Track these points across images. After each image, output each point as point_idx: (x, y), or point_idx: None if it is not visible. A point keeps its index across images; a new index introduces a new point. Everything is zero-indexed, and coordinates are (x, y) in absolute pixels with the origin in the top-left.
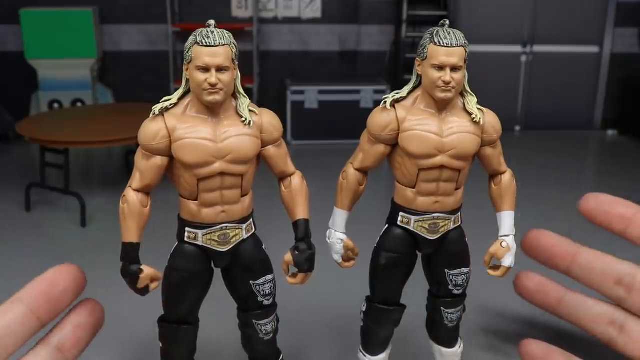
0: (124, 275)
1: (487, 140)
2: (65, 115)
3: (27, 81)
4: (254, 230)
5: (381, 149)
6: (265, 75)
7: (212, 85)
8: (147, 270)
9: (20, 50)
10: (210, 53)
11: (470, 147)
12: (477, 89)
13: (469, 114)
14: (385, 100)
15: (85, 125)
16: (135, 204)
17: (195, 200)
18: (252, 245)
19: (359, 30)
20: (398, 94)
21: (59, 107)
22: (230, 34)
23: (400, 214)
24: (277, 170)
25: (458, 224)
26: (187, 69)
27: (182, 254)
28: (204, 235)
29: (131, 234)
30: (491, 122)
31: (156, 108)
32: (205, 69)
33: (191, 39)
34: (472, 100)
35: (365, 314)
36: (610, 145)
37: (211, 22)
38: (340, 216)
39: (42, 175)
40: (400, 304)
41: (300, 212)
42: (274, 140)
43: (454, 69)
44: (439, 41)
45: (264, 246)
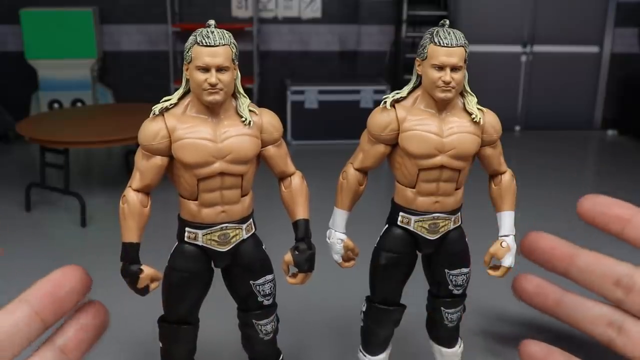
0: (124, 275)
1: (487, 140)
2: (65, 115)
3: (27, 81)
4: (254, 230)
5: (381, 149)
6: (265, 75)
7: (212, 85)
8: (147, 270)
9: (20, 50)
10: (210, 53)
11: (470, 147)
12: (477, 89)
13: (469, 114)
14: (385, 100)
15: (85, 125)
16: (135, 204)
17: (195, 200)
18: (252, 245)
19: (359, 30)
20: (398, 94)
21: (59, 107)
22: (230, 34)
23: (400, 214)
24: (277, 170)
25: (458, 224)
26: (187, 69)
27: (182, 254)
28: (204, 235)
29: (131, 234)
30: (491, 122)
31: (156, 108)
32: (205, 69)
33: (191, 39)
34: (472, 100)
35: (365, 314)
36: (610, 145)
37: (211, 22)
38: (340, 216)
39: (42, 175)
40: (400, 304)
41: (300, 212)
42: (274, 140)
43: (454, 69)
44: (439, 41)
45: (264, 246)
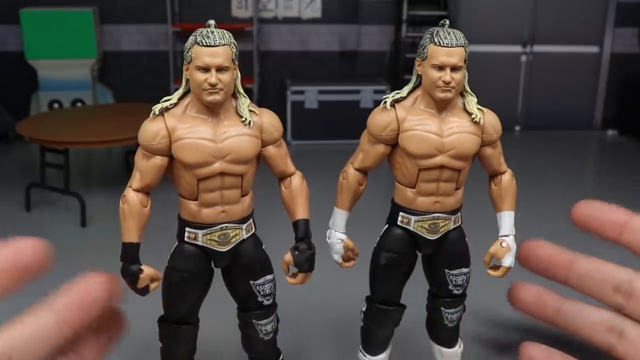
0: (124, 275)
1: (487, 140)
2: (65, 115)
3: (27, 81)
4: (254, 230)
5: (381, 149)
6: (265, 75)
7: (212, 85)
8: (147, 270)
9: (20, 50)
10: (210, 53)
11: (470, 147)
12: (477, 89)
13: (469, 114)
14: (385, 100)
15: (85, 125)
16: (135, 204)
17: (195, 200)
18: (252, 245)
19: (359, 30)
20: (398, 94)
21: (59, 107)
22: (230, 34)
23: (400, 214)
24: (277, 170)
25: (458, 224)
26: (187, 69)
27: (182, 254)
28: (204, 235)
29: (131, 234)
30: (491, 122)
31: (156, 108)
32: (205, 69)
33: (191, 39)
34: (472, 100)
35: (365, 314)
36: (610, 145)
37: (211, 22)
38: (340, 216)
39: (42, 175)
40: (400, 304)
41: (300, 212)
42: (274, 140)
43: (454, 69)
44: (439, 41)
45: (264, 246)
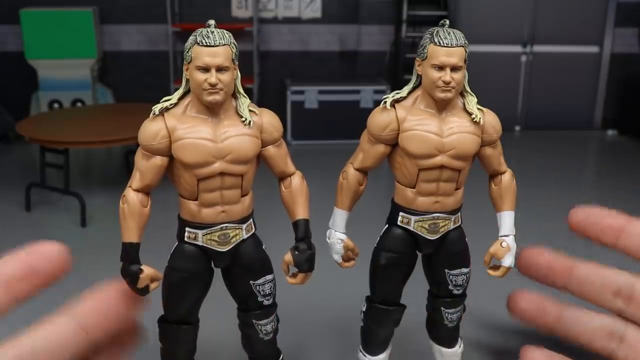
0: (124, 275)
1: (487, 140)
2: (65, 115)
3: (27, 81)
4: (254, 230)
5: (381, 149)
6: (265, 75)
7: (212, 85)
8: (147, 270)
9: (20, 50)
10: (210, 53)
11: (470, 147)
12: (477, 89)
13: (469, 114)
14: (385, 100)
15: (85, 125)
16: (135, 204)
17: (195, 200)
18: (252, 245)
19: (359, 30)
20: (398, 94)
21: (59, 107)
22: (230, 34)
23: (400, 214)
24: (277, 170)
25: (458, 224)
26: (187, 69)
27: (182, 254)
28: (204, 235)
29: (131, 234)
30: (491, 122)
31: (156, 108)
32: (205, 69)
33: (191, 39)
34: (472, 100)
35: (365, 314)
36: (610, 145)
37: (211, 22)
38: (340, 216)
39: (42, 175)
40: (400, 304)
41: (300, 212)
42: (274, 140)
43: (454, 69)
44: (439, 41)
45: (264, 246)
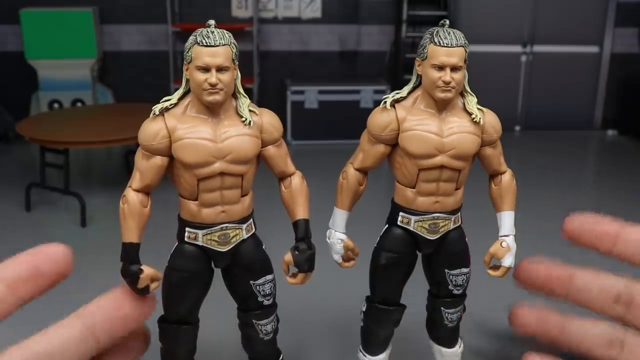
0: (124, 276)
1: (487, 140)
2: (65, 115)
3: (27, 81)
4: (254, 230)
5: (381, 149)
6: (265, 75)
7: (212, 85)
8: (147, 271)
9: (20, 50)
10: (210, 53)
11: (470, 147)
12: (477, 89)
13: (469, 114)
14: (385, 100)
15: (85, 125)
16: (135, 204)
17: (196, 200)
18: (252, 245)
19: (359, 30)
20: (398, 94)
21: (59, 107)
22: (230, 34)
23: (400, 214)
24: (277, 170)
25: (458, 224)
26: (187, 69)
27: (182, 254)
28: (204, 235)
29: (131, 234)
30: (491, 122)
31: (156, 108)
32: (206, 69)
33: (191, 39)
34: (472, 100)
35: (365, 314)
36: (610, 145)
37: (211, 22)
38: (340, 216)
39: (42, 175)
40: (400, 304)
41: (300, 212)
42: (274, 140)
43: (454, 69)
44: (439, 41)
45: (264, 246)
